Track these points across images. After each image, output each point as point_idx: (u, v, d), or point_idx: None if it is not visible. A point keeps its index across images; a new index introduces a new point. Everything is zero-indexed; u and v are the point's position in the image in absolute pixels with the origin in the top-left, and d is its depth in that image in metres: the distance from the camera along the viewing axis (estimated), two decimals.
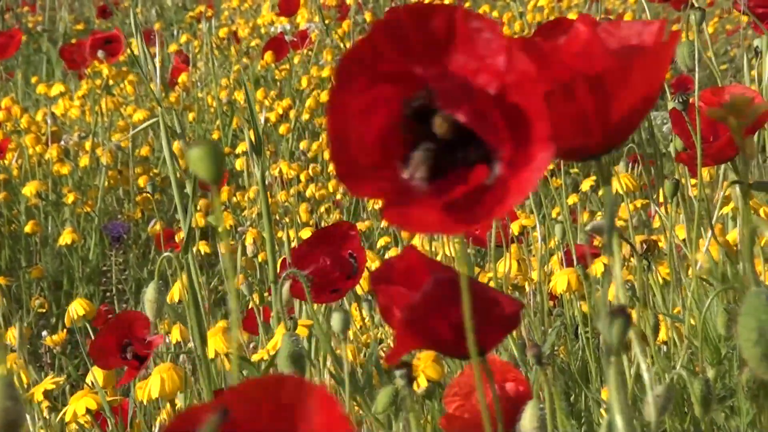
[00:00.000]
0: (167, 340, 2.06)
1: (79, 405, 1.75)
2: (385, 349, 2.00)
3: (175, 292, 2.21)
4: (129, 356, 1.83)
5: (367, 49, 0.70)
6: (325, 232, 1.82)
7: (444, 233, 1.10)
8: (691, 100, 1.62)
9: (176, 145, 4.14)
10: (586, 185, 2.92)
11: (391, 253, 2.76)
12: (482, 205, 0.69)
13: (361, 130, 0.70)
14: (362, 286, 1.99)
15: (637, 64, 0.79)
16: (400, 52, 0.70)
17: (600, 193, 2.67)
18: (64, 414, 1.80)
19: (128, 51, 5.19)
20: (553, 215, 2.68)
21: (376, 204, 3.66)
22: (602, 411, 1.70)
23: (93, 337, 1.92)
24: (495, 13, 6.60)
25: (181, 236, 2.63)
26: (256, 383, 0.52)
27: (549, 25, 0.95)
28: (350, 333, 1.95)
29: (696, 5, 2.08)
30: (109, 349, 1.83)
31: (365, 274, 1.84)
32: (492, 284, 1.96)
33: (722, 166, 2.03)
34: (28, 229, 4.05)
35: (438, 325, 0.90)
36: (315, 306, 1.94)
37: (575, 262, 1.93)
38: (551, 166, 3.29)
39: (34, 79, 6.22)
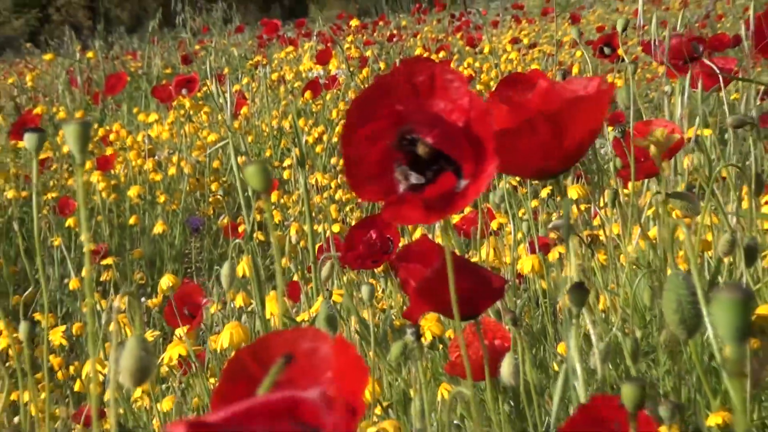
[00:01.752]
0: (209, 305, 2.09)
1: (174, 351, 1.76)
2: (395, 313, 2.00)
3: (240, 270, 2.22)
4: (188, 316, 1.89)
5: (370, 97, 0.74)
6: (374, 219, 1.84)
7: (425, 223, 1.13)
8: (627, 130, 1.61)
9: (240, 159, 4.14)
10: (544, 193, 2.91)
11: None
12: (449, 203, 0.73)
13: (365, 153, 0.74)
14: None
15: (583, 106, 0.80)
16: (394, 98, 0.74)
17: (558, 199, 2.66)
18: (162, 359, 1.81)
19: (204, 89, 5.19)
20: (520, 215, 2.68)
21: None
22: (554, 363, 1.70)
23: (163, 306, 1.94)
24: (477, 64, 6.58)
25: (243, 228, 2.63)
26: (279, 334, 0.52)
27: (510, 77, 0.97)
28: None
29: (627, 60, 2.08)
30: (173, 313, 1.88)
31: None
32: None
33: (647, 180, 2.03)
34: (131, 221, 4.10)
35: (444, 294, 0.91)
36: (344, 280, 1.95)
37: (537, 251, 1.93)
38: (519, 179, 3.29)
39: (135, 110, 6.22)
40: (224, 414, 0.45)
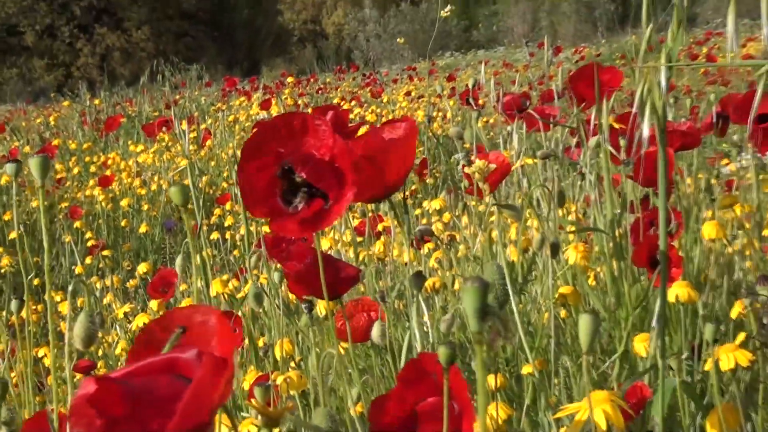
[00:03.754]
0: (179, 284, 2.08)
1: (140, 320, 1.74)
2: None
3: (197, 259, 2.20)
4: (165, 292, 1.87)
5: (258, 138, 0.73)
6: None
7: (300, 236, 1.15)
8: (472, 159, 1.62)
9: (205, 178, 4.11)
10: (425, 204, 2.92)
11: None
12: (319, 220, 0.72)
13: (254, 181, 0.73)
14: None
15: (395, 146, 0.80)
16: (277, 139, 0.73)
17: (430, 210, 2.66)
18: (133, 326, 1.79)
19: (178, 127, 5.14)
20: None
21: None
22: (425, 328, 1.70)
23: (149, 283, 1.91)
24: (379, 110, 6.58)
25: (203, 229, 2.60)
26: (180, 310, 0.53)
27: (377, 126, 0.96)
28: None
29: (476, 107, 2.09)
30: (156, 289, 1.85)
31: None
32: (367, 259, 1.96)
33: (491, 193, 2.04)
34: (123, 224, 4.09)
35: (313, 281, 0.91)
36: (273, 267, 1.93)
37: (414, 246, 1.93)
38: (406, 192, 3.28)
39: (129, 142, 6.14)
40: (123, 371, 0.47)
